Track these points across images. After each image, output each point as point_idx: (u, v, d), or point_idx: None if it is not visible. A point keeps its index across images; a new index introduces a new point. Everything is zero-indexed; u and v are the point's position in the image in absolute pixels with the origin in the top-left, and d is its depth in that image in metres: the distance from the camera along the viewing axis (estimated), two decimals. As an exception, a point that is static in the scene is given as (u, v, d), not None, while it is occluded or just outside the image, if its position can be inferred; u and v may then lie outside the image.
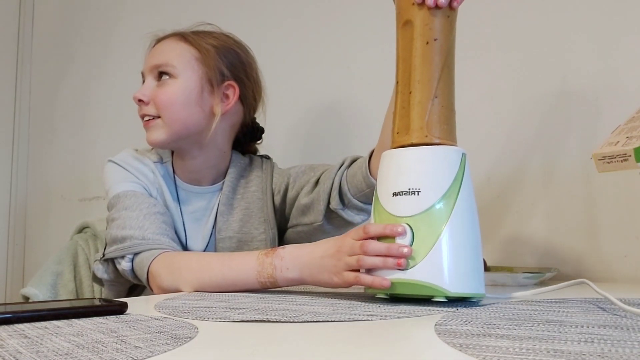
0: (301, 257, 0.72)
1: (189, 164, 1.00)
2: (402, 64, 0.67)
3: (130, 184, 0.95)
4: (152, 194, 0.97)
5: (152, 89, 0.96)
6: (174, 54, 0.97)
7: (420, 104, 0.64)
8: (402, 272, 0.60)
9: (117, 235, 0.89)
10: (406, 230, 0.61)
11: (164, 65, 0.95)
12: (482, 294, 0.61)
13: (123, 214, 0.90)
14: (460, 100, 1.14)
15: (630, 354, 0.34)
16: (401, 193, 0.62)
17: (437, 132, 0.64)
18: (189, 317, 0.53)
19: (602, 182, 0.97)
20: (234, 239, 0.99)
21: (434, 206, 0.60)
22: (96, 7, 1.98)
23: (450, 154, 0.63)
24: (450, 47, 0.65)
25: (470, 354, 0.35)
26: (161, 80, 0.96)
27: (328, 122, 1.35)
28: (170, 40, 0.99)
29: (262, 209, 1.02)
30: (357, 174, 0.90)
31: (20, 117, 2.16)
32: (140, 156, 1.00)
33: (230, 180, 1.02)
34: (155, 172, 0.99)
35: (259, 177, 1.04)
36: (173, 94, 0.95)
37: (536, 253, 1.03)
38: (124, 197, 0.93)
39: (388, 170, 0.65)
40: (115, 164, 0.98)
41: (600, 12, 0.99)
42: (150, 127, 0.95)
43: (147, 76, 0.97)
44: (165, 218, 0.93)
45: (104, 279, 0.93)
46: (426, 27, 0.65)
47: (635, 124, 0.67)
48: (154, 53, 0.99)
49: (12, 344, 0.40)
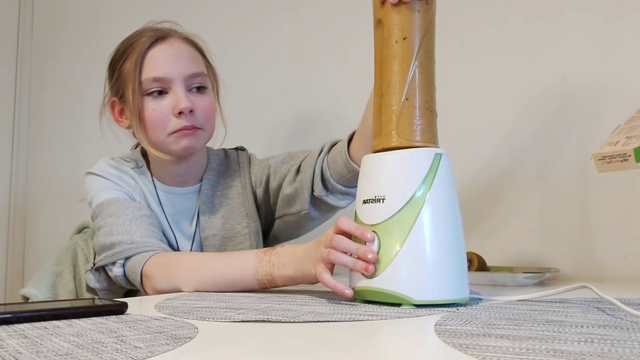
0: (297, 253, 0.72)
1: (180, 168, 0.99)
2: (376, 65, 0.66)
3: (113, 191, 0.95)
4: (135, 199, 0.97)
5: (191, 98, 0.92)
6: (201, 62, 0.98)
7: (389, 106, 0.63)
8: (369, 279, 0.60)
9: (105, 242, 0.88)
10: (375, 237, 0.60)
11: (201, 75, 0.95)
12: (460, 299, 0.59)
13: (109, 220, 0.90)
14: (460, 101, 1.14)
15: (630, 354, 0.34)
16: (369, 200, 0.62)
17: (409, 134, 0.62)
18: (189, 317, 0.53)
19: (602, 182, 0.97)
20: (218, 236, 0.99)
21: (398, 213, 0.59)
22: (96, 7, 1.98)
23: (416, 157, 0.61)
24: (424, 45, 0.63)
25: (470, 354, 0.35)
26: (199, 92, 0.95)
27: (315, 120, 1.35)
28: (185, 44, 0.97)
29: (243, 203, 1.01)
30: (337, 159, 0.88)
31: (20, 117, 2.16)
32: (117, 164, 0.99)
33: (209, 179, 1.02)
34: (135, 178, 0.99)
35: (236, 171, 1.04)
36: (213, 105, 0.97)
37: (536, 253, 1.03)
38: (107, 204, 0.92)
39: (361, 177, 0.65)
40: (95, 174, 0.97)
41: (600, 12, 0.99)
42: (195, 135, 0.93)
43: (179, 84, 0.92)
44: (152, 220, 0.93)
45: (97, 289, 0.93)
46: (394, 26, 0.62)
47: (635, 123, 0.67)
48: (177, 59, 0.93)
49: (12, 344, 0.40)
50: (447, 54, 1.14)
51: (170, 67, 0.92)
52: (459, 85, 1.12)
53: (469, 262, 0.88)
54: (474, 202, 1.10)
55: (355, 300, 0.64)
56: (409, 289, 0.58)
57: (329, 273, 0.65)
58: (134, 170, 0.99)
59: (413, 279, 0.58)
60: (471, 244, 1.04)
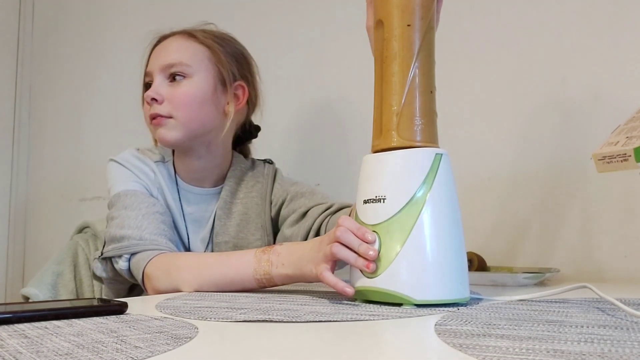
0: (296, 252, 0.72)
1: (194, 164, 0.99)
2: (376, 65, 0.66)
3: (132, 183, 0.95)
4: (153, 193, 0.96)
5: (166, 88, 0.94)
6: (188, 53, 0.96)
7: (389, 107, 0.63)
8: (370, 279, 0.60)
9: (115, 234, 0.89)
10: (375, 238, 0.60)
11: (178, 65, 0.94)
12: (460, 299, 0.60)
13: (122, 213, 0.90)
14: (460, 102, 1.14)
15: (630, 354, 0.34)
16: (370, 201, 0.62)
17: (409, 134, 0.62)
18: (189, 317, 0.53)
19: (602, 182, 0.97)
20: (230, 243, 0.99)
21: (399, 213, 0.59)
22: (96, 7, 1.98)
23: (416, 157, 0.61)
24: (424, 46, 0.63)
25: (470, 354, 0.35)
26: (176, 81, 0.95)
27: (326, 121, 1.35)
28: (179, 39, 0.98)
29: (259, 215, 1.02)
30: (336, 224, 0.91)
31: (20, 117, 2.16)
32: (141, 156, 0.99)
33: (230, 185, 1.02)
34: (156, 172, 0.98)
35: (259, 182, 1.04)
36: (191, 94, 0.94)
37: (536, 253, 1.03)
38: (124, 196, 0.93)
39: (361, 178, 0.65)
40: (117, 163, 0.98)
41: (600, 12, 0.99)
42: (162, 125, 0.94)
43: (156, 75, 0.95)
44: (164, 218, 0.93)
45: (103, 277, 0.94)
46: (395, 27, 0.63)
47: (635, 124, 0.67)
48: (163, 51, 0.97)
49: (12, 344, 0.40)
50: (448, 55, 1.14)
51: (155, 60, 0.97)
52: (460, 86, 1.12)
53: (469, 262, 0.88)
54: (474, 202, 1.10)
55: (356, 300, 0.64)
56: (409, 289, 0.58)
57: (330, 272, 0.65)
58: (156, 164, 0.99)
59: (414, 279, 0.58)
60: (471, 244, 1.05)
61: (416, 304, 0.58)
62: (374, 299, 0.61)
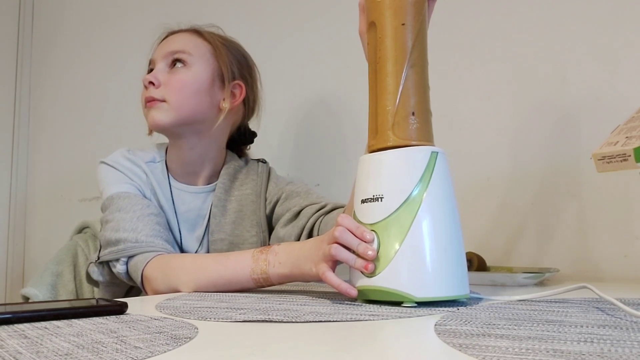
0: (294, 251, 0.72)
1: (187, 155, 1.00)
2: (370, 66, 0.66)
3: (124, 185, 0.95)
4: (146, 194, 0.97)
5: (164, 74, 0.97)
6: (191, 44, 0.99)
7: (384, 107, 0.63)
8: (369, 278, 0.60)
9: (111, 237, 0.89)
10: (374, 237, 0.61)
11: (180, 52, 0.97)
12: (460, 295, 0.60)
13: (117, 215, 0.90)
14: (460, 102, 1.14)
15: (630, 354, 0.34)
16: (367, 200, 0.62)
17: (405, 134, 0.62)
18: (189, 317, 0.53)
19: (601, 182, 0.97)
20: (226, 241, 0.99)
21: (396, 211, 0.60)
22: (96, 7, 1.98)
23: (412, 155, 0.61)
24: (417, 46, 0.63)
25: (470, 354, 0.35)
26: (175, 68, 0.97)
27: (325, 121, 1.35)
28: (186, 34, 1.01)
29: (254, 212, 1.02)
30: (329, 224, 0.91)
31: (20, 117, 2.16)
32: (132, 156, 0.99)
33: (223, 182, 1.02)
34: (147, 172, 0.98)
35: (254, 180, 1.05)
36: (186, 81, 0.96)
37: (536, 253, 1.03)
38: (117, 198, 0.93)
39: (358, 177, 0.65)
40: (108, 165, 0.97)
41: (600, 13, 0.99)
42: (154, 107, 0.95)
43: (159, 62, 0.98)
44: (159, 219, 0.93)
45: (100, 282, 0.93)
46: (388, 28, 0.63)
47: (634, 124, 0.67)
48: (168, 42, 1.00)
49: (12, 344, 0.40)
50: (448, 56, 1.14)
51: (159, 50, 1.00)
52: (460, 86, 1.12)
53: (469, 262, 0.88)
54: (474, 202, 1.10)
55: (356, 299, 0.64)
56: (409, 287, 0.58)
57: (332, 272, 0.65)
58: (147, 164, 1.00)
59: (413, 277, 0.58)
60: (471, 243, 1.05)
61: (416, 301, 0.58)
62: (374, 297, 0.61)
